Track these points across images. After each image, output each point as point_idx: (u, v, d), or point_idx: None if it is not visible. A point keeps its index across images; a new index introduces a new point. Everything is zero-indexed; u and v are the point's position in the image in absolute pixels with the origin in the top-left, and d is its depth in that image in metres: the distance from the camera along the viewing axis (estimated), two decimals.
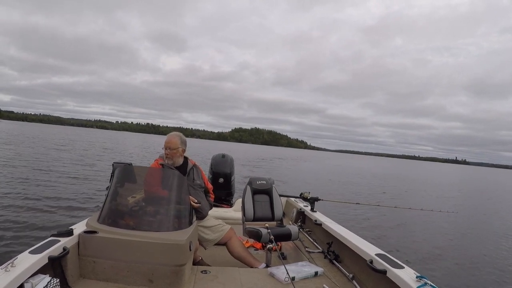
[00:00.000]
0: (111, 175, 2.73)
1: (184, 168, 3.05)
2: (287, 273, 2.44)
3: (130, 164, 2.92)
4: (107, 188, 2.68)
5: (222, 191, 5.38)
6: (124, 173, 2.77)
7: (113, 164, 2.94)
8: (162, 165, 2.97)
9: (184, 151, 3.06)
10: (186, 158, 3.12)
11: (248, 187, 3.57)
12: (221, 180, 5.32)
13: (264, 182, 3.65)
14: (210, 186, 3.25)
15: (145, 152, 31.34)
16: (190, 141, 3.17)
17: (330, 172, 30.09)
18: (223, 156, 5.48)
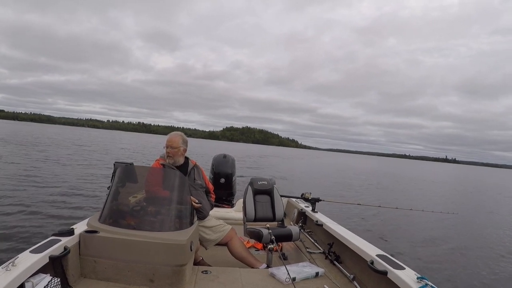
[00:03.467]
0: (112, 175, 2.71)
1: (185, 168, 3.05)
2: (288, 273, 2.44)
3: (132, 164, 2.91)
4: (108, 188, 2.67)
5: (223, 192, 5.35)
6: (125, 172, 2.76)
7: (114, 164, 2.92)
8: (163, 165, 2.97)
9: (185, 150, 3.07)
10: (187, 158, 3.12)
11: (249, 188, 3.56)
12: (222, 180, 5.28)
13: (265, 182, 3.64)
14: (211, 186, 3.25)
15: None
16: None
17: (328, 171, 30.18)
18: (225, 156, 5.44)
